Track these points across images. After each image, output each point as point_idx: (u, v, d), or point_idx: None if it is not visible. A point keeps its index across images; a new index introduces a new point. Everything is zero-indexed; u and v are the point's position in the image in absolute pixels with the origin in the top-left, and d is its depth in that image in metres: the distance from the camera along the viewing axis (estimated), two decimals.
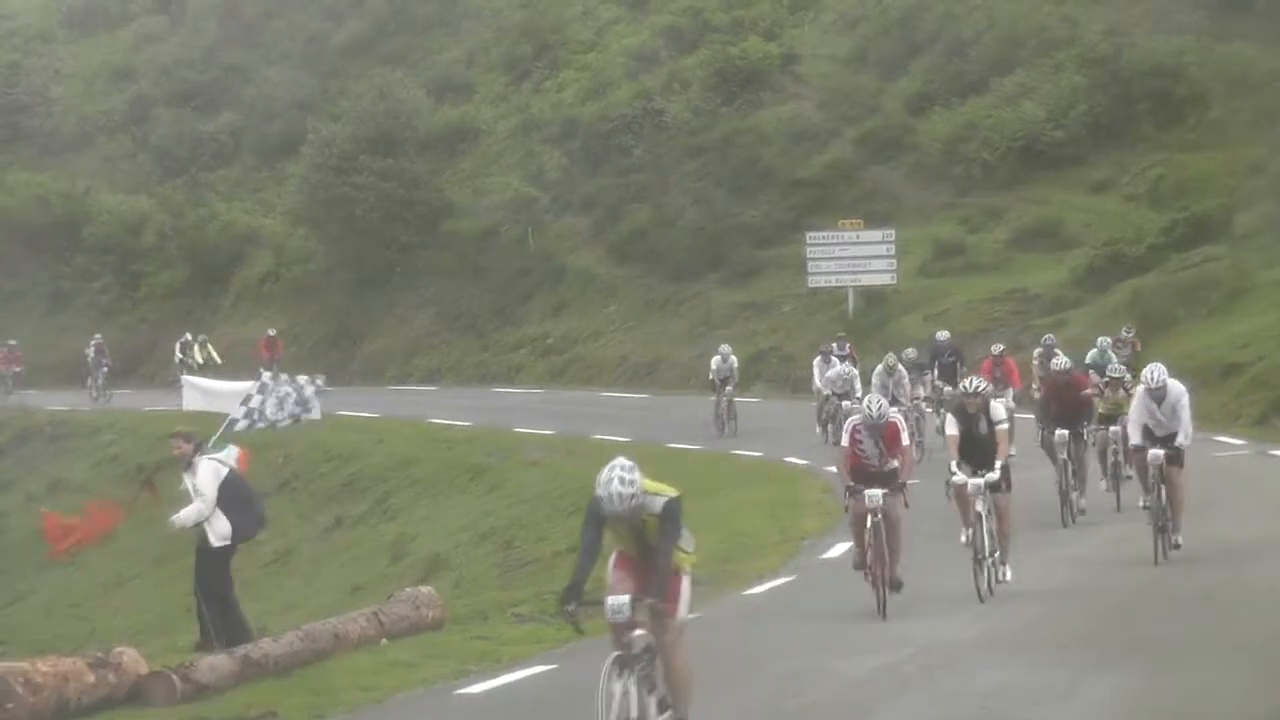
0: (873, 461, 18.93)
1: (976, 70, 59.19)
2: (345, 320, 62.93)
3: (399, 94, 67.37)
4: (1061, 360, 26.88)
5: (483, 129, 69.69)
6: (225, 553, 18.20)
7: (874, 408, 18.85)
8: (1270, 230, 46.13)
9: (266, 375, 22.72)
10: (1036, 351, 34.90)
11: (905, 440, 19.01)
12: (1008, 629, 17.86)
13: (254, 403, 22.13)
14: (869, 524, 18.66)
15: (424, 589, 20.80)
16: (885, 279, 52.60)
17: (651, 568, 12.29)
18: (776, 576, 22.96)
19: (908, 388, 34.10)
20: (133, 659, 15.98)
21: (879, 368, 34.32)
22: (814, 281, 53.40)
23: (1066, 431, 25.50)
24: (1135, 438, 21.28)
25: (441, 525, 37.53)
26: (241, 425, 21.55)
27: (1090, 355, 34.17)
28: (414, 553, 36.19)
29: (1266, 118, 50.11)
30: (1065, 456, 25.49)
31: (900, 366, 34.37)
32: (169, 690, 15.67)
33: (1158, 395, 20.89)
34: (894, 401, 31.71)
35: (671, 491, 12.43)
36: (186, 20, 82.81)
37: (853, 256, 52.61)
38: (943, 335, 38.32)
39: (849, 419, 19.52)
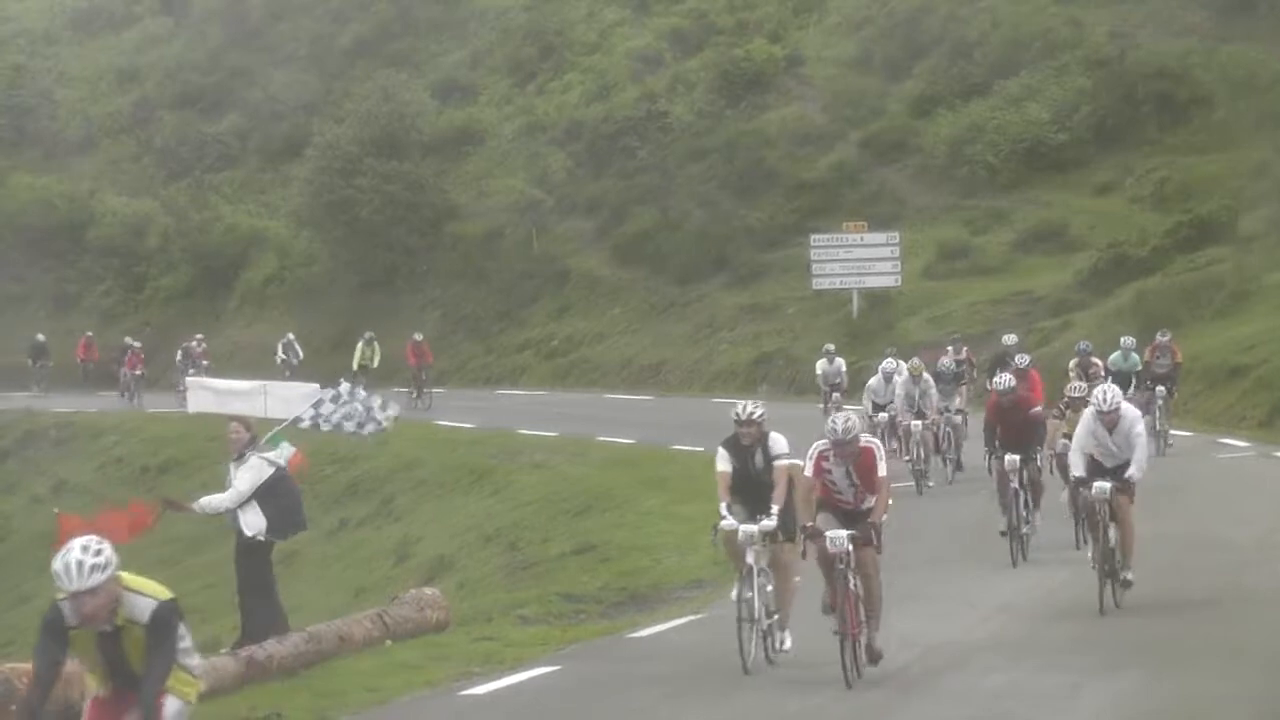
0: (845, 497, 15.71)
1: (981, 72, 59.23)
2: (350, 322, 62.87)
3: (403, 96, 67.42)
4: (1004, 379, 24.08)
5: (487, 131, 69.71)
6: (265, 547, 18.19)
7: (839, 424, 15.40)
8: (1275, 232, 46.11)
9: (344, 385, 22.49)
10: (1072, 361, 31.93)
11: (882, 471, 15.56)
12: (1011, 632, 17.86)
13: (325, 409, 21.95)
14: (836, 571, 15.49)
15: (428, 591, 20.81)
16: (889, 281, 52.61)
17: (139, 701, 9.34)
18: None
19: (934, 399, 31.15)
20: None
21: (903, 376, 31.74)
22: (818, 284, 53.42)
23: (1017, 457, 22.72)
24: (1078, 469, 18.54)
25: (446, 527, 37.51)
26: (306, 424, 21.40)
27: (1112, 358, 32.93)
28: (418, 554, 36.19)
29: (1271, 120, 50.10)
30: (1016, 485, 22.69)
31: (926, 374, 31.58)
32: None
33: (1110, 420, 18.25)
34: (919, 414, 30.79)
35: (164, 593, 9.43)
36: (191, 22, 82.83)
37: (857, 259, 52.63)
38: (1010, 338, 35.31)
39: (814, 443, 15.75)
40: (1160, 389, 33.49)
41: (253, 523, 18.05)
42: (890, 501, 15.88)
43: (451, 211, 65.90)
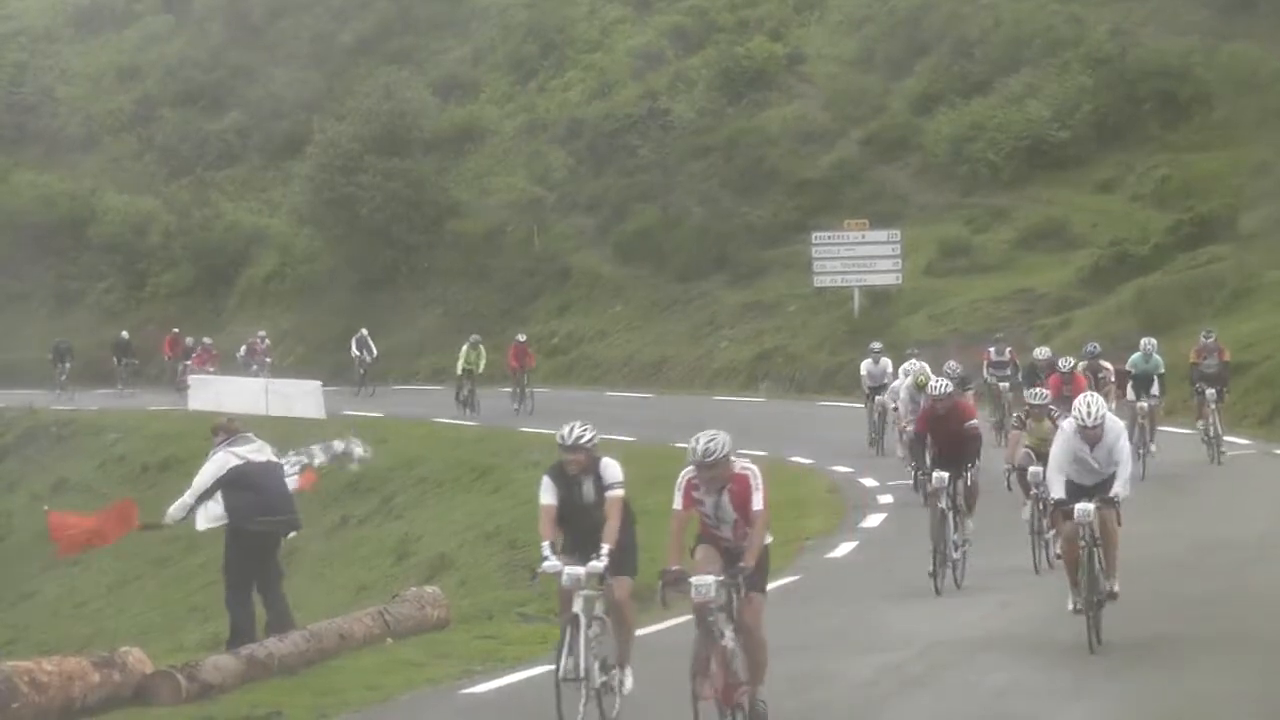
0: (722, 532, 13.21)
1: (982, 70, 59.20)
2: (351, 320, 62.84)
3: (405, 93, 67.40)
4: (940, 384, 21.82)
5: (488, 129, 69.70)
6: (238, 539, 17.95)
7: (700, 445, 12.83)
8: (1276, 230, 46.11)
9: (312, 448, 22.49)
10: (1080, 365, 29.72)
11: (758, 504, 12.96)
12: (1013, 630, 17.86)
13: (301, 456, 21.98)
14: (705, 623, 12.92)
15: (429, 588, 20.83)
16: (890, 279, 52.59)
17: None
18: (781, 576, 22.89)
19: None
20: (138, 658, 15.99)
21: (906, 381, 30.57)
22: (819, 281, 53.39)
23: (945, 474, 20.66)
24: (1058, 490, 16.51)
25: (447, 525, 37.54)
26: (295, 467, 21.44)
27: (1132, 359, 31.33)
28: (419, 552, 36.22)
29: (1272, 118, 50.10)
30: (944, 506, 20.64)
31: (933, 381, 30.71)
32: (174, 689, 15.67)
33: (1092, 436, 16.43)
34: None
35: None
36: (192, 20, 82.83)
37: (858, 256, 52.60)
38: (1042, 352, 32.15)
39: (683, 469, 13.24)
40: (1211, 391, 31.62)
41: (211, 512, 17.77)
42: (769, 539, 13.23)
43: (453, 209, 65.87)
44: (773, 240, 57.80)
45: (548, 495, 14.03)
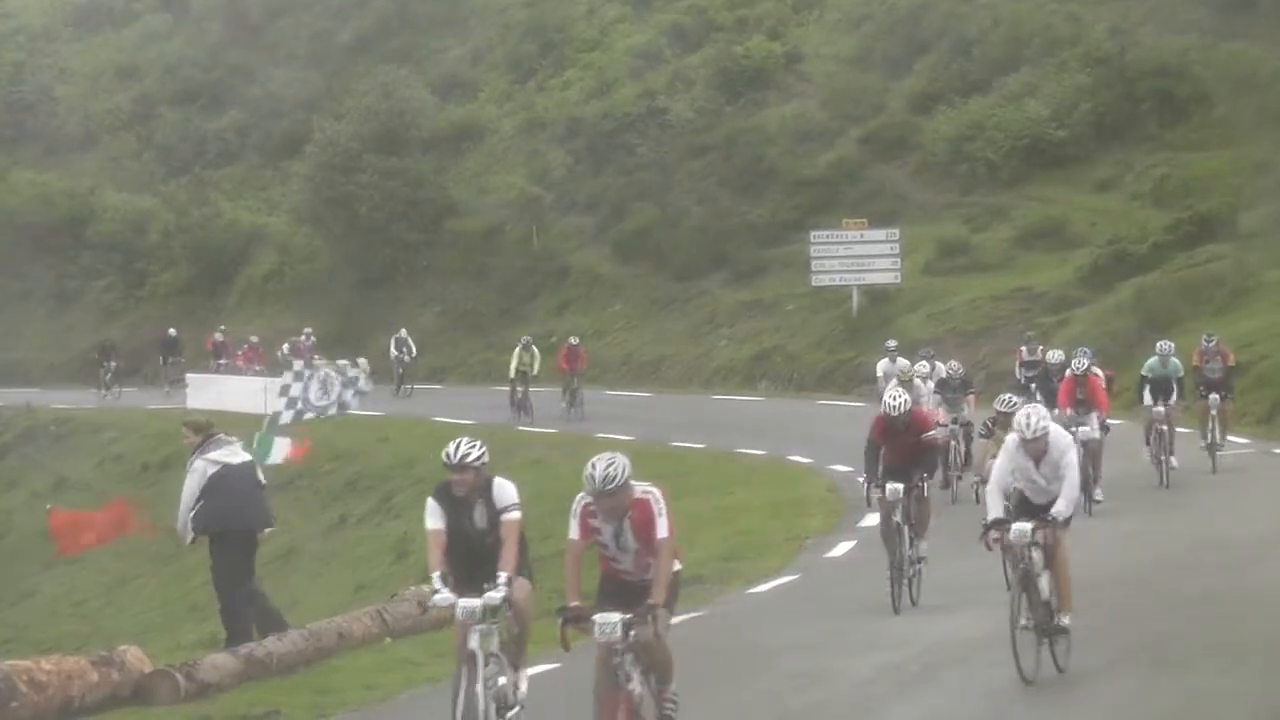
0: (623, 565, 12.17)
1: (981, 69, 59.19)
2: (350, 319, 62.96)
3: (404, 92, 67.43)
4: (897, 395, 20.37)
5: (487, 128, 69.72)
6: (218, 541, 17.97)
7: (598, 470, 11.82)
8: (1275, 229, 46.10)
9: (299, 364, 22.21)
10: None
11: (663, 530, 11.89)
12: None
13: (294, 391, 21.73)
14: (609, 666, 11.97)
15: (428, 588, 20.80)
16: (889, 278, 52.57)
17: None
18: (780, 575, 22.98)
19: (926, 407, 26.83)
20: (136, 657, 15.99)
21: (893, 381, 29.37)
22: (818, 280, 53.35)
23: (900, 486, 19.63)
24: (995, 508, 15.19)
25: None
26: (287, 417, 21.18)
27: (1149, 364, 30.22)
28: (418, 551, 36.13)
29: (1271, 117, 50.11)
30: (899, 519, 19.70)
31: (918, 381, 28.64)
32: (173, 689, 15.68)
33: (1035, 449, 15.15)
34: None
35: None
36: (191, 19, 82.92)
37: (857, 255, 52.56)
38: (1055, 355, 30.51)
39: (579, 495, 12.11)
40: (1214, 397, 30.89)
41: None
42: (679, 568, 12.26)
43: (451, 208, 65.90)
44: (771, 239, 57.79)
45: (434, 519, 12.74)
